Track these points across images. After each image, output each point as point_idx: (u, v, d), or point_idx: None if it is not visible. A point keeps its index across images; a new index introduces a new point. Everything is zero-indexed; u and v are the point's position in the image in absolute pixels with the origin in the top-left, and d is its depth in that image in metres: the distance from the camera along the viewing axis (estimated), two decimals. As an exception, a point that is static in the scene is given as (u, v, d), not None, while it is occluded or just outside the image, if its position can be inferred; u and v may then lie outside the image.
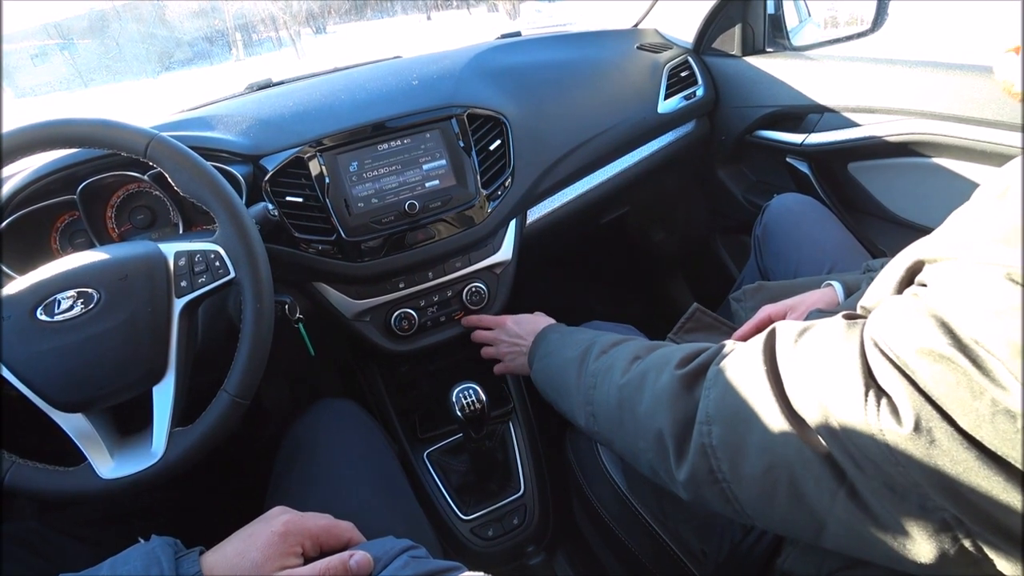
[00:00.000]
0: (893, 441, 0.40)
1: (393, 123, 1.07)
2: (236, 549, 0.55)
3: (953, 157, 1.11)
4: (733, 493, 0.53)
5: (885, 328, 0.42)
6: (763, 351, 0.52)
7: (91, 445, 0.71)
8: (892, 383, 0.40)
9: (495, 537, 1.09)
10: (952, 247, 0.42)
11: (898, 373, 0.40)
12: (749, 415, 0.51)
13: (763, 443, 0.50)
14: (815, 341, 0.49)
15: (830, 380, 0.45)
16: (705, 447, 0.54)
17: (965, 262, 0.40)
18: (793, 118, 1.38)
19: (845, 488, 0.45)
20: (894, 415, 0.40)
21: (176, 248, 0.75)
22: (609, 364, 0.72)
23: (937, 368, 0.38)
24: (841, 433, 0.44)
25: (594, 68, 1.39)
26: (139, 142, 0.74)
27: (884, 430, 0.40)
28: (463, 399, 0.95)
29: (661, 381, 0.61)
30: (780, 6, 1.48)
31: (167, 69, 5.82)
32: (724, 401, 0.54)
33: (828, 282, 0.86)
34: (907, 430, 0.39)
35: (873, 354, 0.43)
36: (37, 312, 0.68)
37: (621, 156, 1.37)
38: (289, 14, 8.82)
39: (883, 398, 0.41)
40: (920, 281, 0.44)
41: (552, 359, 0.87)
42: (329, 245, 1.02)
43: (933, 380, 0.38)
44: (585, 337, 0.84)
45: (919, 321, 0.40)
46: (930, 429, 0.38)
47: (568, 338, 0.89)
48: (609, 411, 0.69)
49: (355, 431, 0.94)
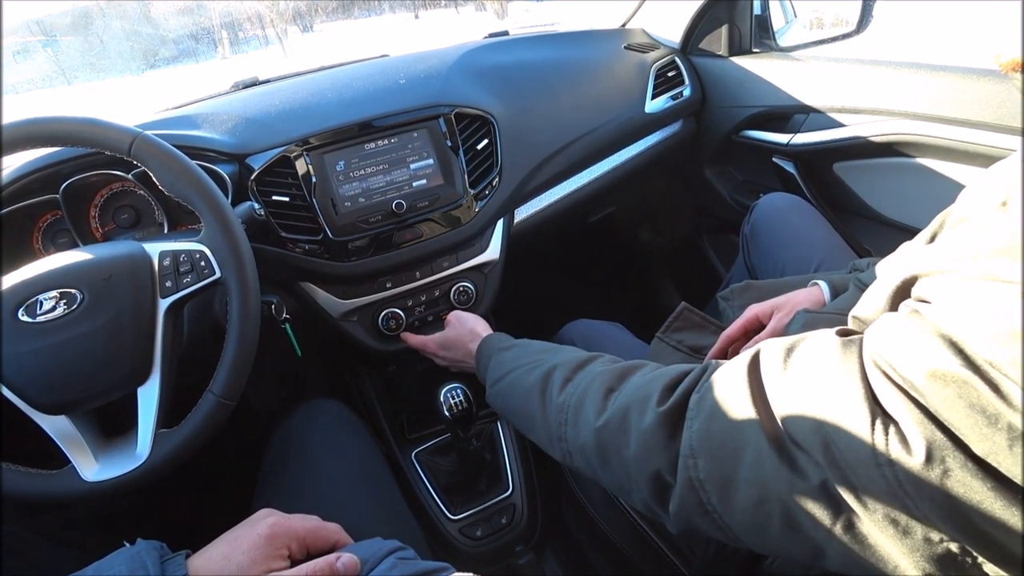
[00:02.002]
0: (903, 472, 0.37)
1: (380, 122, 1.07)
2: (222, 552, 0.55)
3: (937, 157, 1.12)
4: (725, 523, 0.50)
5: (888, 349, 0.39)
6: (747, 376, 0.49)
7: (74, 447, 0.70)
8: (899, 409, 0.37)
9: (483, 537, 1.09)
10: (951, 260, 0.39)
11: (905, 398, 0.37)
12: (736, 447, 0.48)
13: (752, 476, 0.46)
14: (807, 362, 0.46)
15: (829, 407, 0.42)
16: (692, 480, 0.51)
17: (968, 276, 0.37)
18: (779, 118, 1.38)
19: (842, 521, 0.42)
20: (903, 444, 0.37)
21: (161, 248, 0.74)
22: (579, 398, 0.65)
23: (948, 392, 0.35)
24: (842, 464, 0.40)
25: (582, 68, 1.39)
26: (123, 141, 0.73)
27: (893, 460, 0.37)
28: (451, 399, 0.95)
29: (646, 422, 0.55)
30: (766, 7, 1.49)
31: (152, 67, 5.75)
32: (708, 432, 0.50)
33: (814, 281, 0.86)
34: (918, 460, 0.36)
35: (876, 377, 0.40)
36: (19, 313, 0.67)
37: (608, 155, 1.38)
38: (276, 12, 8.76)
39: (891, 426, 0.38)
40: (919, 296, 0.41)
41: (509, 387, 0.78)
42: (316, 245, 1.01)
43: (944, 405, 0.35)
44: (539, 357, 0.76)
45: (926, 341, 0.37)
46: (943, 458, 0.35)
47: (520, 357, 0.80)
48: (587, 452, 0.63)
49: (342, 432, 0.93)
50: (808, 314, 0.73)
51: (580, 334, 1.08)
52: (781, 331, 0.77)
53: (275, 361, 1.07)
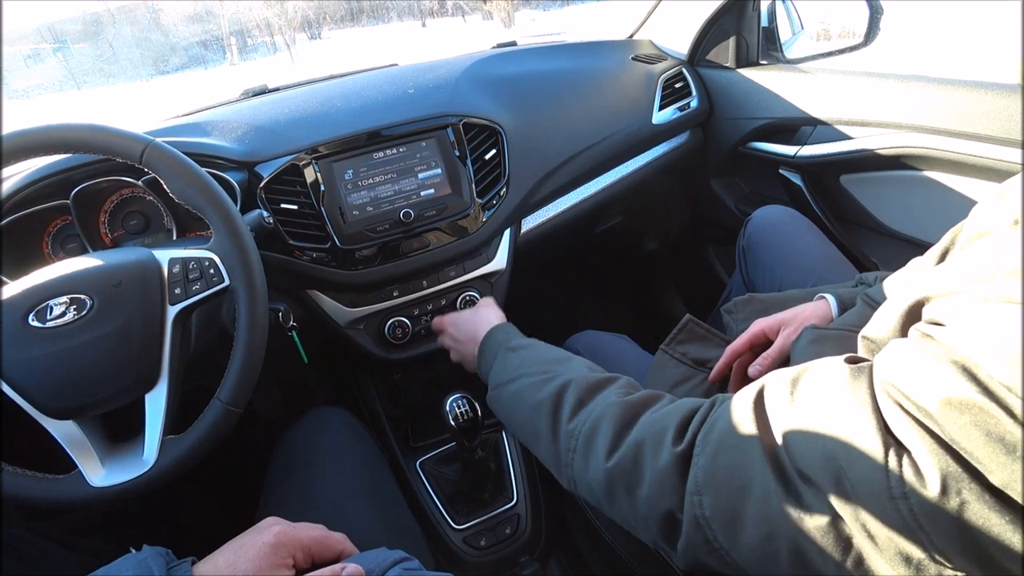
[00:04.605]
0: (918, 504, 0.36)
1: (389, 131, 1.07)
2: (227, 560, 0.55)
3: (944, 171, 1.12)
4: (732, 559, 0.49)
5: (900, 377, 0.38)
6: (753, 410, 0.48)
7: (82, 452, 0.71)
8: (913, 439, 0.36)
9: (488, 547, 1.08)
10: (964, 280, 0.38)
11: (919, 427, 0.36)
12: (742, 483, 0.47)
13: (759, 512, 0.45)
14: (815, 394, 0.44)
15: (839, 439, 0.40)
16: (698, 518, 0.49)
17: (983, 297, 0.36)
18: (786, 130, 1.39)
19: (852, 558, 0.41)
20: (917, 475, 0.36)
21: (170, 255, 0.74)
22: (591, 429, 0.62)
23: (964, 420, 0.34)
24: (854, 498, 0.39)
25: (589, 78, 1.39)
26: (135, 148, 0.73)
27: (907, 493, 0.36)
28: (456, 408, 0.95)
29: (661, 461, 0.53)
30: (774, 19, 1.49)
31: (161, 73, 5.82)
32: (714, 468, 0.49)
33: (821, 295, 0.85)
34: (933, 492, 0.35)
35: (888, 407, 0.38)
36: (29, 318, 0.68)
37: (615, 166, 1.38)
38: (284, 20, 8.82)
39: (904, 456, 0.37)
40: (931, 319, 0.40)
41: (515, 397, 0.74)
42: (324, 253, 1.02)
43: (960, 433, 0.34)
44: (550, 369, 0.73)
45: (939, 368, 0.36)
46: (959, 489, 0.34)
47: (529, 364, 0.76)
48: (595, 488, 0.61)
49: (348, 440, 0.93)
50: (816, 330, 0.72)
51: (586, 345, 1.08)
52: (788, 347, 0.77)
53: (281, 369, 1.07)
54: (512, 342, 0.83)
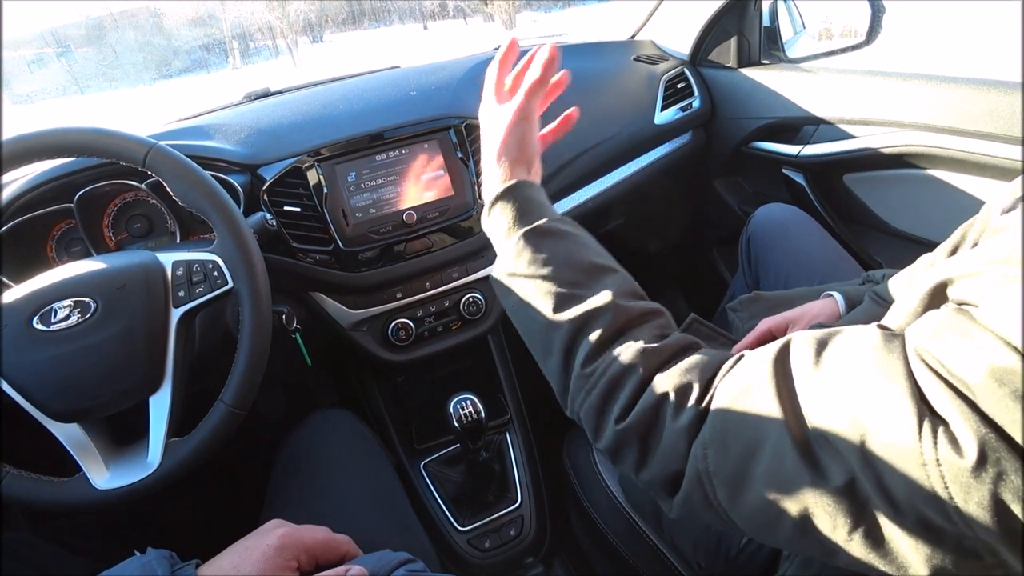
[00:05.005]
0: (951, 475, 0.35)
1: (391, 133, 1.07)
2: (231, 562, 0.55)
3: (948, 169, 1.12)
4: (730, 518, 0.47)
5: (936, 345, 0.37)
6: (773, 367, 0.46)
7: (86, 455, 0.71)
8: (950, 409, 0.35)
9: (492, 548, 1.08)
10: (986, 262, 0.38)
11: (957, 397, 0.35)
12: (752, 441, 0.45)
13: (768, 474, 0.44)
14: (843, 357, 0.43)
15: (867, 404, 0.39)
16: (700, 473, 0.48)
17: (1007, 276, 0.36)
18: (789, 130, 1.38)
19: (864, 526, 0.40)
20: (953, 445, 0.35)
21: (174, 258, 0.74)
22: (608, 386, 0.55)
23: (1003, 392, 0.33)
24: (878, 464, 0.38)
25: (591, 79, 1.39)
26: (138, 152, 0.74)
27: (941, 461, 0.35)
28: (460, 410, 0.95)
29: (681, 421, 0.50)
30: (775, 18, 1.49)
31: (164, 77, 5.84)
32: (723, 423, 0.47)
33: (828, 293, 0.84)
34: (969, 462, 0.34)
35: (924, 375, 0.37)
36: (33, 321, 0.68)
37: (618, 167, 1.38)
38: (286, 23, 8.85)
39: (940, 426, 0.36)
40: (959, 299, 0.39)
41: (530, 297, 0.62)
42: (327, 255, 1.02)
43: (999, 406, 0.33)
44: (581, 281, 0.61)
45: (980, 339, 0.35)
46: (997, 459, 0.34)
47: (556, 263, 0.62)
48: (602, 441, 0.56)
49: (352, 441, 0.93)
50: (824, 328, 0.71)
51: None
52: None
53: (285, 371, 1.07)
54: (545, 223, 0.66)
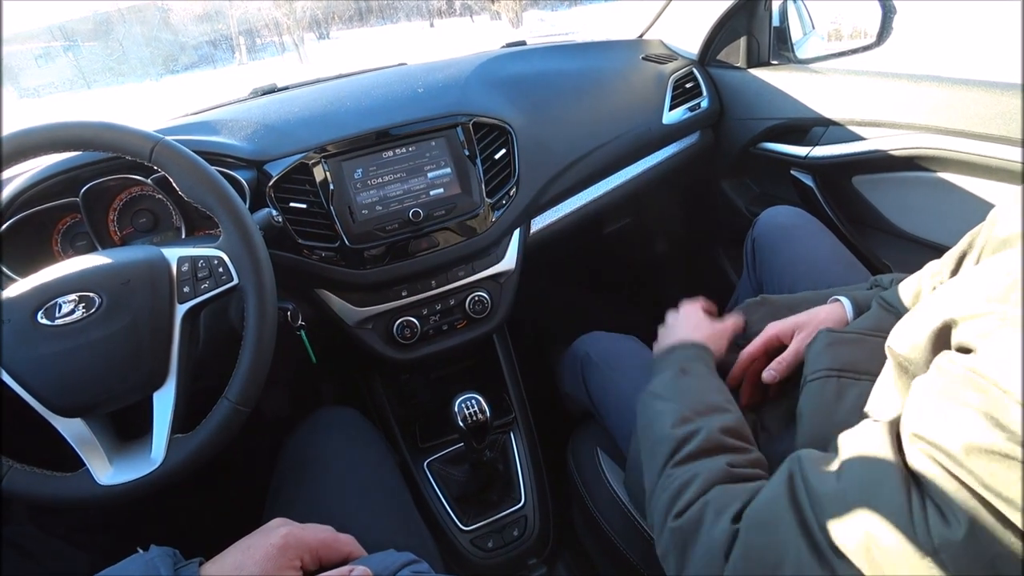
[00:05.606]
0: (949, 559, 0.36)
1: (398, 130, 1.07)
2: (234, 561, 0.54)
3: (958, 172, 1.11)
4: None
5: (926, 424, 0.38)
6: (786, 490, 0.48)
7: (90, 451, 0.70)
8: (940, 487, 0.36)
9: (495, 549, 1.08)
10: (989, 300, 0.38)
11: (946, 474, 0.36)
12: (776, 561, 0.47)
13: None
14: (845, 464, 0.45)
15: (867, 508, 0.41)
16: None
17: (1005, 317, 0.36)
18: (798, 131, 1.37)
19: None
20: (944, 525, 0.36)
21: (179, 253, 0.74)
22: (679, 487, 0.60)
23: (993, 466, 0.34)
24: (887, 567, 0.39)
25: (599, 78, 1.39)
26: (144, 146, 0.73)
27: (938, 548, 0.36)
28: (465, 409, 0.94)
29: (717, 531, 0.53)
30: (785, 19, 1.48)
31: (170, 72, 5.84)
32: (746, 549, 0.50)
33: (835, 298, 0.83)
34: (962, 538, 0.35)
35: (916, 456, 0.39)
36: (38, 316, 0.68)
37: (625, 167, 1.37)
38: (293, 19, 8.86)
39: (930, 506, 0.37)
40: (960, 344, 0.40)
41: (657, 415, 0.71)
42: (332, 252, 1.01)
43: (990, 479, 0.34)
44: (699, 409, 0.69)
45: (965, 413, 0.36)
46: (991, 537, 0.34)
47: (684, 395, 0.73)
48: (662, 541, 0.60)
49: (356, 440, 0.93)
50: (831, 333, 0.70)
51: (596, 346, 1.07)
52: (803, 351, 0.75)
53: (289, 368, 1.07)
54: (688, 364, 0.79)
